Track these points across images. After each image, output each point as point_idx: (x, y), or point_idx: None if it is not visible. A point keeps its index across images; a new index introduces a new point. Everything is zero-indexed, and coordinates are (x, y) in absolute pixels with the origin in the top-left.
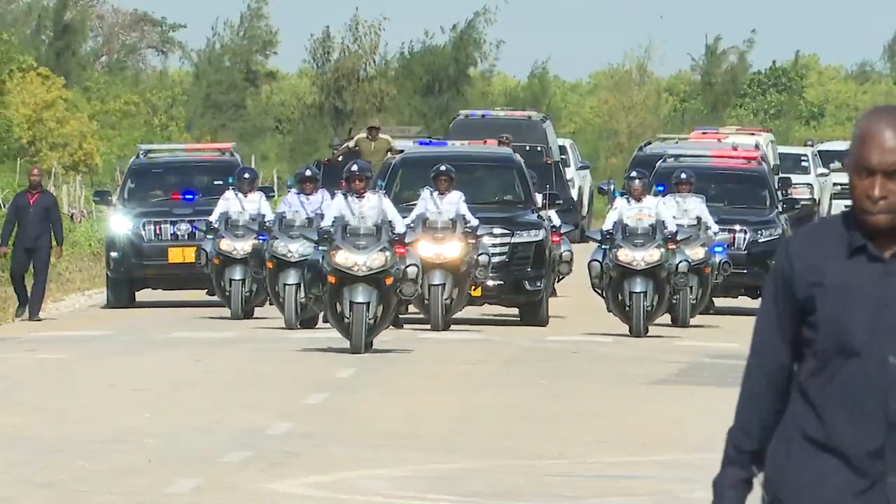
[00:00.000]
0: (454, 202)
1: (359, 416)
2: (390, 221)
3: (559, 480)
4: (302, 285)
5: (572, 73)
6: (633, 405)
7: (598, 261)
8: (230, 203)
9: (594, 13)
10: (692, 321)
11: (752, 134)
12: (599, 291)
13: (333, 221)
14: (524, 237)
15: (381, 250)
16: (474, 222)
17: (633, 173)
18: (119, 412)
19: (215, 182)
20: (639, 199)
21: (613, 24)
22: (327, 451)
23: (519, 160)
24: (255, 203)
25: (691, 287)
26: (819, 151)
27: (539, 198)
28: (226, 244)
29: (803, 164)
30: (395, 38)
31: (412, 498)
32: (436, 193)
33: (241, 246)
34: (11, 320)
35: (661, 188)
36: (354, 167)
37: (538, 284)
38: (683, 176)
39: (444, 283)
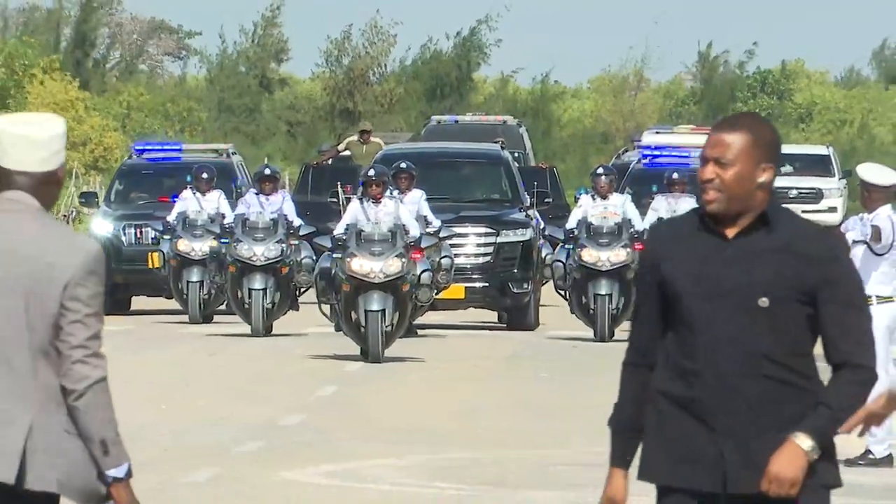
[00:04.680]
0: (415, 201)
1: (368, 408)
2: (404, 226)
3: (562, 470)
4: (268, 290)
5: (573, 79)
6: None
7: (562, 261)
8: (188, 202)
9: (594, 19)
10: None
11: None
12: (563, 293)
13: (347, 228)
14: (510, 237)
15: (396, 256)
16: (436, 223)
17: (600, 169)
18: (136, 406)
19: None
20: (605, 197)
21: (612, 30)
22: (338, 441)
23: (507, 157)
24: (213, 202)
25: None
26: None
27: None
28: (183, 245)
29: None
30: (402, 43)
31: (420, 486)
32: (396, 192)
33: (200, 246)
34: None
35: (654, 188)
36: (371, 172)
37: (525, 287)
38: (675, 175)
39: None
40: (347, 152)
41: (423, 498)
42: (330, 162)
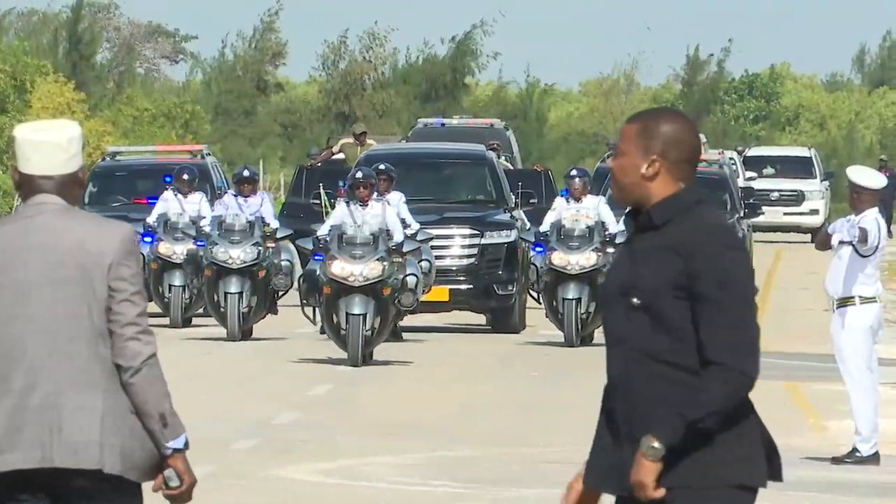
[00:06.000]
0: (395, 203)
1: (362, 407)
2: (388, 230)
3: (553, 467)
4: (244, 293)
5: (566, 82)
6: None
7: (535, 264)
8: (169, 204)
9: (586, 26)
10: None
11: None
12: (535, 296)
13: (330, 230)
14: (495, 238)
15: (377, 260)
16: (415, 226)
17: (573, 171)
18: None
19: None
20: (578, 199)
21: (604, 36)
22: (333, 439)
23: (491, 157)
24: (195, 205)
25: None
26: (747, 156)
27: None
28: (164, 247)
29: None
30: (399, 47)
31: (415, 483)
32: (374, 195)
33: (181, 249)
34: None
35: None
36: (359, 174)
37: (510, 288)
38: None
39: None
40: (341, 155)
41: (418, 495)
42: (320, 164)
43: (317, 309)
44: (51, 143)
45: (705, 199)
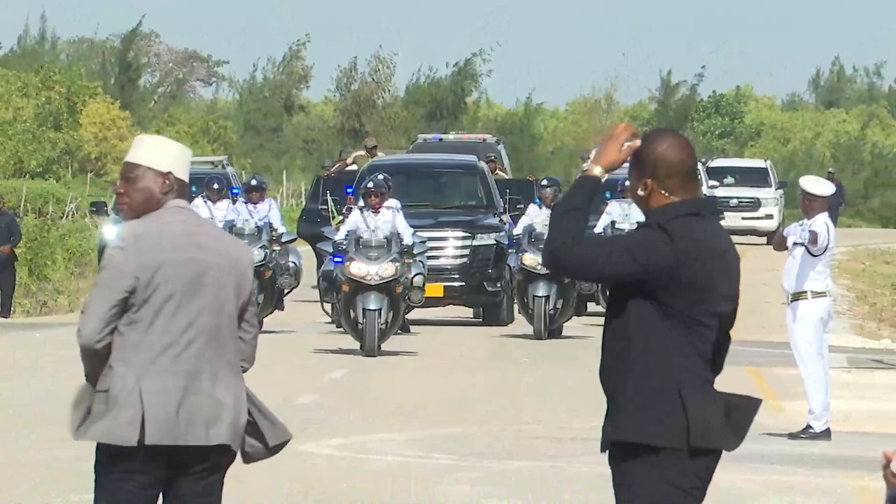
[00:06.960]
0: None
1: (373, 391)
2: (399, 234)
3: (543, 443)
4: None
5: (553, 101)
6: None
7: (509, 265)
8: (200, 210)
9: (570, 53)
10: None
11: None
12: (509, 293)
13: (346, 235)
14: (485, 240)
15: (391, 261)
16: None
17: (545, 181)
18: None
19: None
20: (549, 206)
21: (586, 61)
22: (347, 418)
23: (482, 166)
24: (222, 211)
25: None
26: (710, 167)
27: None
28: None
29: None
30: (407, 71)
31: (418, 456)
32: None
33: None
34: None
35: (607, 195)
36: (371, 184)
37: (498, 285)
38: (627, 183)
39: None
40: (354, 166)
41: (421, 467)
42: (333, 174)
43: (334, 304)
44: (188, 153)
45: (701, 213)
